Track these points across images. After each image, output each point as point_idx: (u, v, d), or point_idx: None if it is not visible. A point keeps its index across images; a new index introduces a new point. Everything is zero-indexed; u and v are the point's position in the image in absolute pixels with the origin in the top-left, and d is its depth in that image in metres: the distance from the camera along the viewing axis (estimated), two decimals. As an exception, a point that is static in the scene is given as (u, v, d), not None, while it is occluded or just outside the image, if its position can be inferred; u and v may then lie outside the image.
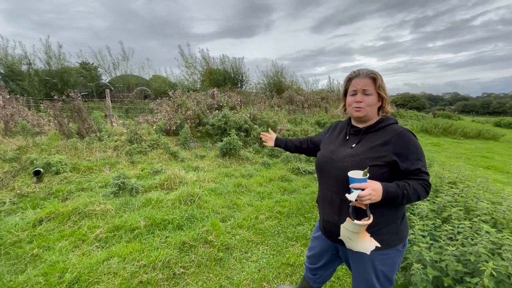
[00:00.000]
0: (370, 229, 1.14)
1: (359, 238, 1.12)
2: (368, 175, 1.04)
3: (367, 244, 1.12)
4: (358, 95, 1.19)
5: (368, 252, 1.13)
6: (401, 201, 1.07)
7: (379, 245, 1.13)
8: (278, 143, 1.78)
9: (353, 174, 1.06)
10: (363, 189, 1.02)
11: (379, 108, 1.23)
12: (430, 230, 2.04)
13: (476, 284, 1.55)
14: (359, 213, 1.12)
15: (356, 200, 1.04)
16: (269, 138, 1.80)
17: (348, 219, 1.09)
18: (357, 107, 1.20)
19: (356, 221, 1.06)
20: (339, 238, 1.18)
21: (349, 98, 1.24)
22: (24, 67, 13.35)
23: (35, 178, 3.80)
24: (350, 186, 1.06)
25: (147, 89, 15.52)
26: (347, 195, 1.07)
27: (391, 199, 1.06)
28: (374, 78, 1.17)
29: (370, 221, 1.06)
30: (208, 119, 7.18)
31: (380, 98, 1.20)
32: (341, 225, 1.13)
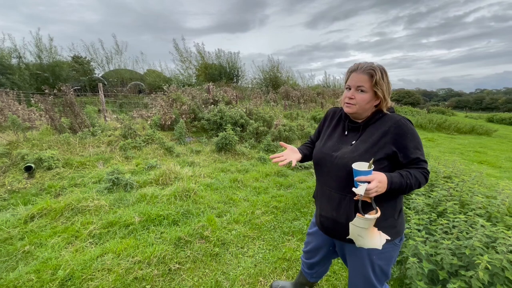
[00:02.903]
0: None
1: (369, 234, 1.08)
2: (373, 166, 1.01)
3: (377, 240, 1.09)
4: (351, 91, 1.15)
5: (380, 247, 1.10)
6: (403, 190, 1.07)
7: (389, 238, 1.11)
8: (305, 160, 1.44)
9: (358, 166, 1.03)
10: (369, 182, 0.99)
11: (377, 106, 1.16)
12: (425, 224, 2.05)
13: (471, 277, 1.56)
14: (363, 207, 1.10)
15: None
16: (287, 155, 1.34)
17: (358, 215, 1.05)
18: (347, 103, 1.16)
19: (367, 216, 1.03)
20: (348, 237, 1.13)
21: (344, 92, 1.20)
22: (14, 61, 13.02)
23: (26, 173, 3.72)
24: (355, 179, 1.02)
25: (141, 84, 15.30)
26: (354, 189, 1.03)
27: (395, 189, 1.04)
28: (371, 74, 1.09)
29: (379, 214, 1.04)
30: (204, 114, 7.12)
31: (382, 97, 1.12)
32: (350, 223, 1.09)
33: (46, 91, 5.69)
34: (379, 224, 1.14)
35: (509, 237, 1.61)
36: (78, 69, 15.22)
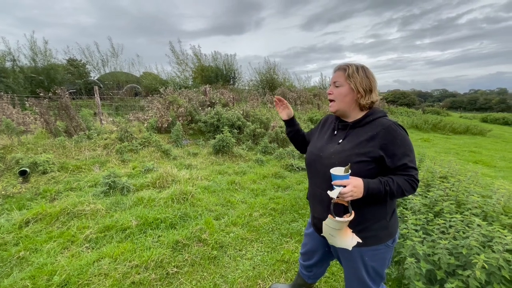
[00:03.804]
0: (360, 226, 1.14)
1: (340, 234, 1.12)
2: (350, 171, 1.03)
3: (349, 241, 1.12)
4: (330, 88, 1.22)
5: (350, 248, 1.13)
6: (384, 197, 1.05)
7: (361, 241, 1.13)
8: (292, 122, 1.54)
9: (335, 171, 1.05)
10: (345, 186, 1.01)
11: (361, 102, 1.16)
12: (422, 224, 2.06)
13: (468, 276, 1.57)
14: (342, 210, 1.12)
15: (337, 197, 1.04)
16: (285, 106, 1.51)
17: (329, 216, 1.09)
18: (329, 100, 1.22)
19: (337, 218, 1.06)
20: (321, 234, 1.18)
21: None
22: (8, 64, 12.87)
23: (21, 178, 3.67)
24: (332, 183, 1.05)
25: (137, 86, 15.24)
26: (328, 192, 1.06)
27: (373, 195, 1.04)
28: (345, 69, 1.16)
29: (352, 217, 1.06)
30: (201, 116, 7.10)
31: (355, 90, 1.14)
32: (323, 222, 1.13)
33: (41, 94, 5.64)
34: (371, 226, 1.15)
35: (505, 236, 1.63)
36: (74, 72, 15.11)
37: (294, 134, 1.56)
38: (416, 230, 1.99)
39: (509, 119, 19.98)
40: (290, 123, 1.54)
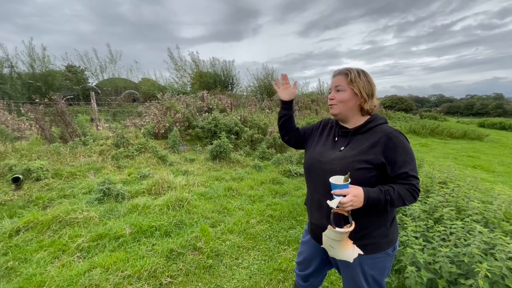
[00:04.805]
0: (360, 233, 1.11)
1: (341, 246, 1.09)
2: (349, 180, 1.01)
3: (350, 252, 1.09)
4: (332, 93, 1.20)
5: (351, 260, 1.10)
6: (384, 206, 1.03)
7: (362, 253, 1.10)
8: (291, 105, 1.41)
9: (334, 180, 1.03)
10: (344, 195, 0.99)
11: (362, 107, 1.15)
12: (422, 231, 2.01)
13: (471, 286, 1.52)
14: (342, 220, 1.09)
15: (337, 207, 1.01)
16: (289, 86, 1.37)
17: (329, 226, 1.06)
18: (330, 105, 1.20)
19: (337, 229, 1.03)
20: (321, 246, 1.15)
21: None
22: (6, 70, 12.87)
23: (13, 185, 3.60)
24: (332, 192, 1.02)
25: (135, 92, 15.23)
26: (328, 201, 1.03)
27: (373, 204, 1.02)
28: (346, 73, 1.14)
29: (352, 227, 1.04)
30: (198, 122, 7.07)
31: (359, 95, 1.12)
32: (323, 234, 1.10)
33: (37, 100, 5.61)
34: (371, 233, 1.12)
35: (508, 243, 1.58)
36: (72, 78, 15.12)
37: (288, 119, 1.43)
38: (416, 237, 1.95)
39: (506, 123, 20.05)
40: (289, 106, 1.40)
